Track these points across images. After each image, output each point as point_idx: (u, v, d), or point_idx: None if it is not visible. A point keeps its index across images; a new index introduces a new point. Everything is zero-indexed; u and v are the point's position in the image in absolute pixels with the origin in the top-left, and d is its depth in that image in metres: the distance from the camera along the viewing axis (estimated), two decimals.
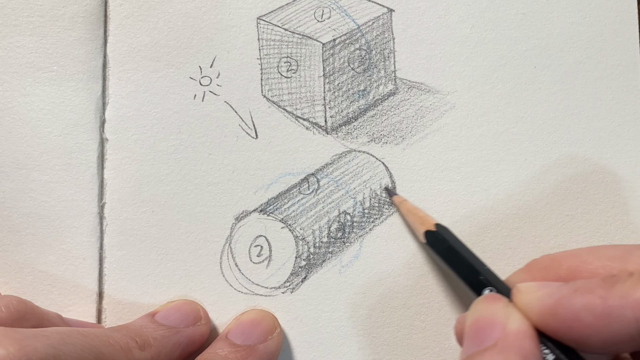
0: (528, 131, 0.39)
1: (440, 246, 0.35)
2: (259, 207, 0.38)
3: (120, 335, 0.31)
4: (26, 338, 0.27)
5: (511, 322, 0.28)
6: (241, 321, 0.36)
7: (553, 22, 0.39)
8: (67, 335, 0.29)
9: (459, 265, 0.34)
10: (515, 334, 0.27)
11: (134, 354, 0.31)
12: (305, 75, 0.39)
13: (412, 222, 0.37)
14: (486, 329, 0.28)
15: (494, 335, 0.27)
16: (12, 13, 0.38)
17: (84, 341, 0.29)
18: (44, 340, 0.27)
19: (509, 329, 0.28)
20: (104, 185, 0.37)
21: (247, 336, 0.35)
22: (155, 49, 0.38)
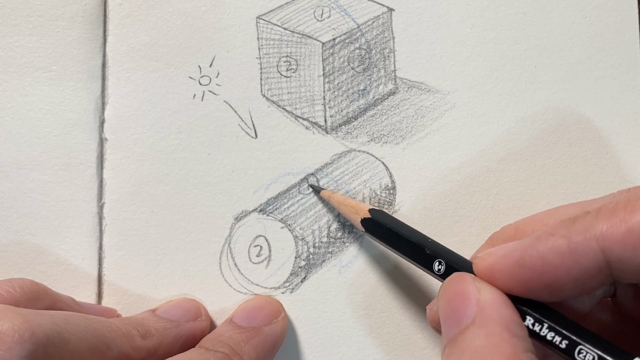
0: (528, 131, 0.38)
1: (380, 231, 0.34)
2: (258, 207, 0.38)
3: (122, 324, 0.32)
4: (31, 314, 0.28)
5: (483, 294, 0.28)
6: (245, 306, 0.36)
7: (553, 22, 0.39)
8: (70, 316, 0.30)
9: (403, 245, 0.33)
10: (490, 305, 0.27)
11: (135, 341, 0.32)
12: (305, 74, 0.39)
13: (347, 213, 0.36)
14: (460, 307, 0.28)
15: (469, 312, 0.27)
16: (12, 13, 0.37)
17: (87, 324, 0.30)
18: (48, 317, 0.28)
19: (483, 301, 0.27)
20: (103, 185, 0.37)
21: (252, 319, 0.36)
22: (155, 49, 0.38)
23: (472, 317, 0.27)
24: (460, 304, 0.28)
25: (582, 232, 0.26)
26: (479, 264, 0.29)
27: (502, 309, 0.27)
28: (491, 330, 0.26)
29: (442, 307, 0.29)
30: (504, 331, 0.26)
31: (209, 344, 0.33)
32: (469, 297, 0.28)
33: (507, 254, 0.28)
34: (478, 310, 0.27)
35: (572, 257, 0.26)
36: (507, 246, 0.28)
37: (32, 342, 0.27)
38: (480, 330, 0.26)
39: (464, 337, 0.26)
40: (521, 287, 0.27)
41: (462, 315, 0.27)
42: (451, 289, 0.29)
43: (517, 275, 0.27)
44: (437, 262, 0.31)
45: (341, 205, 0.36)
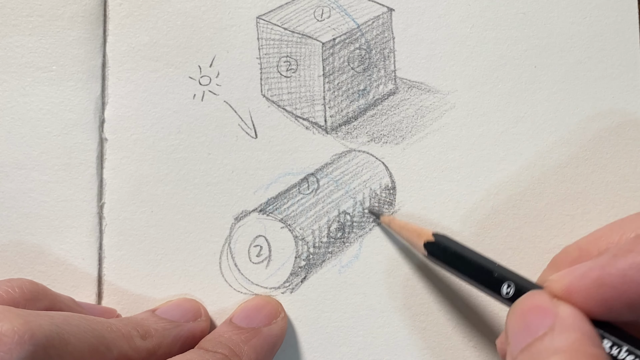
0: (528, 131, 0.38)
1: (444, 255, 0.33)
2: (258, 207, 0.38)
3: (122, 324, 0.32)
4: (30, 315, 0.28)
5: (561, 309, 0.27)
6: (245, 306, 0.36)
7: (553, 22, 0.39)
8: (70, 317, 0.30)
9: (469, 269, 0.32)
10: (569, 316, 0.26)
11: (135, 341, 0.32)
12: (305, 74, 0.39)
13: (409, 237, 0.35)
14: (536, 319, 0.27)
15: (546, 323, 0.26)
16: (12, 13, 0.37)
17: (87, 324, 0.30)
18: (47, 319, 0.28)
19: (562, 314, 0.26)
20: (103, 185, 0.37)
21: (251, 320, 0.35)
22: (155, 49, 0.38)
23: (549, 326, 0.26)
24: (536, 316, 0.27)
25: None
26: (554, 285, 0.28)
27: (582, 322, 0.26)
28: (572, 336, 0.25)
29: (512, 323, 0.28)
30: (585, 338, 0.25)
31: (208, 344, 0.33)
32: (546, 310, 0.27)
33: (584, 274, 0.27)
34: (557, 320, 0.26)
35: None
36: (582, 266, 0.27)
37: (31, 343, 0.27)
38: (561, 337, 0.25)
39: (541, 341, 0.26)
40: (600, 307, 0.27)
41: (539, 325, 0.26)
42: (525, 304, 0.28)
43: (597, 294, 0.26)
44: (505, 285, 0.30)
45: (403, 230, 0.36)
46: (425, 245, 0.34)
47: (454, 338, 0.37)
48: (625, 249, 0.27)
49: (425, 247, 0.34)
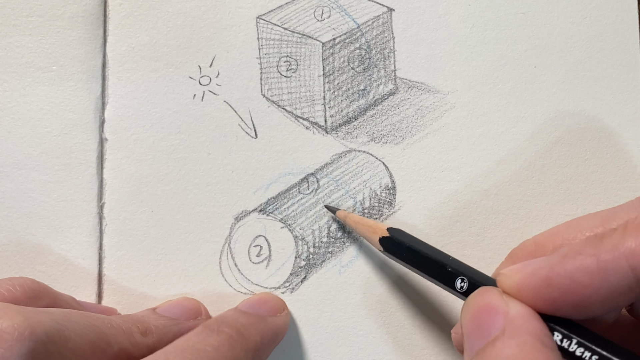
0: (528, 131, 0.38)
1: (399, 250, 0.33)
2: (258, 207, 0.38)
3: (122, 321, 0.32)
4: (30, 312, 0.28)
5: (511, 306, 0.27)
6: (250, 298, 0.36)
7: (553, 22, 0.39)
8: (70, 313, 0.29)
9: (424, 263, 0.32)
10: (520, 317, 0.27)
11: (135, 337, 0.32)
12: (305, 74, 0.39)
13: (364, 233, 0.35)
14: (488, 320, 0.27)
15: (497, 324, 0.27)
16: (12, 13, 0.37)
17: (87, 321, 0.30)
18: (47, 315, 0.28)
19: (512, 314, 0.27)
20: (103, 185, 0.37)
21: (256, 309, 0.35)
22: (155, 49, 0.38)
23: (500, 328, 0.26)
24: (488, 317, 0.27)
25: (610, 251, 0.26)
26: (505, 281, 0.28)
27: (532, 321, 0.26)
28: (522, 340, 0.26)
29: (467, 321, 0.28)
30: (535, 341, 0.26)
31: (213, 324, 0.33)
32: (497, 310, 0.27)
33: (533, 272, 0.27)
34: (507, 322, 0.26)
35: (601, 276, 0.26)
36: (532, 263, 0.28)
37: (32, 339, 0.27)
38: (511, 341, 0.26)
39: (493, 347, 0.26)
40: (548, 305, 0.27)
41: (490, 327, 0.27)
42: (477, 302, 0.28)
43: (544, 293, 0.27)
44: (459, 280, 0.30)
45: (358, 225, 0.36)
46: (380, 241, 0.34)
47: None
48: (575, 250, 0.27)
49: (381, 243, 0.34)
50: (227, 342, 0.31)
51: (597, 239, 0.27)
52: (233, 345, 0.31)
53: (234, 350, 0.31)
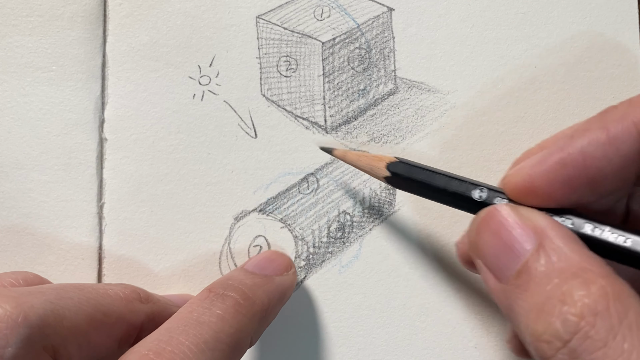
0: (528, 131, 0.38)
1: (409, 171, 0.32)
2: (258, 207, 0.38)
3: (122, 287, 0.31)
4: (22, 295, 0.27)
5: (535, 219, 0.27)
6: (257, 257, 0.36)
7: (553, 22, 0.39)
8: (63, 289, 0.29)
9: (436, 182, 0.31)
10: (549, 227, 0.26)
11: (134, 304, 0.31)
12: (305, 74, 0.39)
13: (368, 163, 0.34)
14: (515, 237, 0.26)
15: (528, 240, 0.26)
16: (11, 12, 0.37)
17: (81, 294, 0.29)
18: (40, 296, 0.27)
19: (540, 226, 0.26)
20: (103, 185, 0.37)
21: (263, 269, 0.35)
22: (155, 49, 0.38)
23: (533, 243, 0.26)
24: (513, 234, 0.27)
25: (618, 120, 0.26)
26: (513, 179, 0.28)
27: (562, 229, 0.26)
28: (568, 250, 0.25)
29: (486, 244, 0.27)
30: (580, 247, 0.25)
31: (219, 287, 0.32)
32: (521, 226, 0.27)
33: (543, 160, 0.27)
34: (540, 236, 0.26)
35: (612, 145, 0.26)
36: (539, 154, 0.28)
37: (25, 325, 0.26)
38: (556, 253, 0.25)
39: (539, 263, 0.25)
40: (564, 190, 0.27)
41: (522, 244, 0.26)
42: (493, 222, 0.27)
43: (559, 177, 0.27)
44: (477, 190, 0.30)
45: (361, 158, 0.35)
46: (388, 167, 0.33)
47: (454, 338, 0.37)
48: (582, 127, 0.27)
49: (389, 169, 0.33)
50: (233, 308, 0.30)
51: (603, 114, 0.27)
52: (239, 311, 0.31)
53: (240, 316, 0.30)
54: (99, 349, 0.29)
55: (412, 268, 0.38)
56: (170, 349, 0.27)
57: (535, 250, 0.26)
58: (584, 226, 0.27)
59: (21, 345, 0.26)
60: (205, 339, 0.28)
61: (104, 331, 0.29)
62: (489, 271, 0.27)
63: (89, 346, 0.29)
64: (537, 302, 0.25)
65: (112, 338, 0.30)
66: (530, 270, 0.25)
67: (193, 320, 0.29)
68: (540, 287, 0.25)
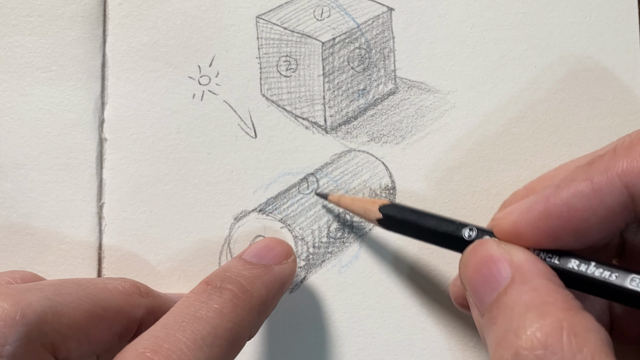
0: (528, 131, 0.38)
1: (401, 214, 0.33)
2: (258, 207, 0.38)
3: (121, 281, 0.31)
4: (19, 293, 0.27)
5: (514, 254, 0.27)
6: (256, 245, 0.35)
7: (553, 22, 0.39)
8: (61, 285, 0.29)
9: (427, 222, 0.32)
10: (525, 262, 0.27)
11: (134, 298, 0.31)
12: (305, 74, 0.39)
13: (362, 206, 0.35)
14: (493, 271, 0.27)
15: (504, 274, 0.27)
16: (11, 12, 0.37)
17: (79, 289, 0.29)
18: (37, 293, 0.27)
19: (517, 261, 0.27)
20: (102, 185, 0.37)
21: (262, 258, 0.34)
22: (154, 49, 0.38)
23: (508, 277, 0.26)
24: (493, 268, 0.27)
25: (603, 172, 0.26)
26: (501, 223, 0.28)
27: (538, 264, 0.27)
28: (535, 284, 0.26)
29: (470, 276, 0.28)
30: (548, 282, 0.26)
31: (216, 280, 0.31)
32: (500, 259, 0.27)
33: (529, 208, 0.28)
34: (514, 269, 0.27)
35: (596, 197, 0.26)
36: (526, 201, 0.28)
37: (24, 323, 0.26)
38: (524, 287, 0.26)
39: (508, 296, 0.26)
40: (548, 238, 0.27)
41: (498, 277, 0.27)
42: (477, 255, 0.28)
43: (543, 226, 0.27)
44: (467, 229, 0.30)
45: (355, 202, 0.36)
46: (380, 209, 0.34)
47: (454, 338, 0.37)
48: (568, 179, 0.27)
49: (381, 210, 0.34)
50: (231, 302, 0.30)
51: (588, 165, 0.27)
52: (237, 305, 0.30)
53: (238, 310, 0.30)
54: (99, 344, 0.29)
55: (412, 268, 0.38)
56: (167, 346, 0.27)
57: (508, 284, 0.26)
58: (570, 261, 0.27)
59: (20, 343, 0.26)
60: (203, 335, 0.28)
61: (104, 326, 0.29)
62: (474, 305, 0.28)
63: (89, 341, 0.28)
64: (499, 335, 0.25)
65: (111, 332, 0.30)
66: (500, 303, 0.26)
67: (190, 316, 0.29)
68: (505, 320, 0.25)
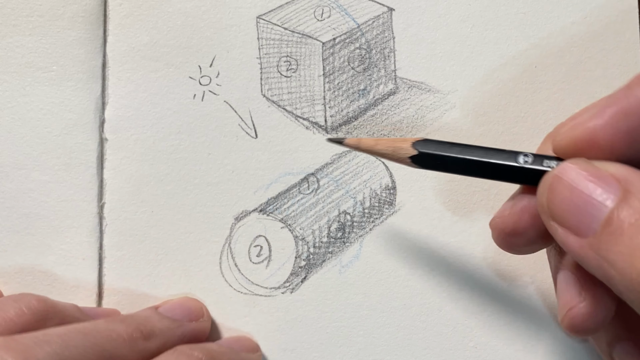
0: (528, 131, 0.38)
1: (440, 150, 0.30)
2: (258, 207, 0.38)
3: (124, 327, 0.31)
4: (28, 348, 0.27)
5: (612, 169, 0.25)
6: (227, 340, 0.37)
7: (553, 22, 0.39)
8: (68, 337, 0.29)
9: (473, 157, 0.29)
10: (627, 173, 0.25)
11: (138, 344, 0.31)
12: (305, 74, 0.39)
13: (390, 145, 0.31)
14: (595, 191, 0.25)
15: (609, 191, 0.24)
16: (12, 13, 0.37)
17: (86, 340, 0.29)
18: (46, 347, 0.28)
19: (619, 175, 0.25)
20: (103, 185, 0.37)
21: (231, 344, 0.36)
22: (155, 49, 0.38)
23: (616, 193, 0.24)
24: (594, 189, 0.25)
25: None
26: (573, 130, 0.26)
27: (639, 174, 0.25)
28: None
29: (564, 205, 0.26)
30: None
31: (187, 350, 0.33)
32: (600, 177, 0.25)
33: (601, 111, 0.26)
34: (623, 184, 0.24)
35: None
36: (593, 109, 0.26)
37: None
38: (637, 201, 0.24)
39: (621, 215, 0.24)
40: (628, 140, 0.26)
41: (602, 197, 0.25)
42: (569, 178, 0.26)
43: (623, 126, 0.25)
44: (522, 156, 0.28)
45: (379, 143, 0.32)
46: (415, 145, 0.31)
47: (454, 338, 0.37)
48: (637, 79, 0.26)
49: (415, 147, 0.31)
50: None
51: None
52: None
53: None
54: None
55: (412, 268, 0.38)
56: None
57: (621, 199, 0.24)
58: None
59: None
60: None
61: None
62: (568, 230, 0.26)
63: None
64: (630, 249, 0.23)
65: None
66: (621, 217, 0.24)
67: None
68: (631, 234, 0.23)
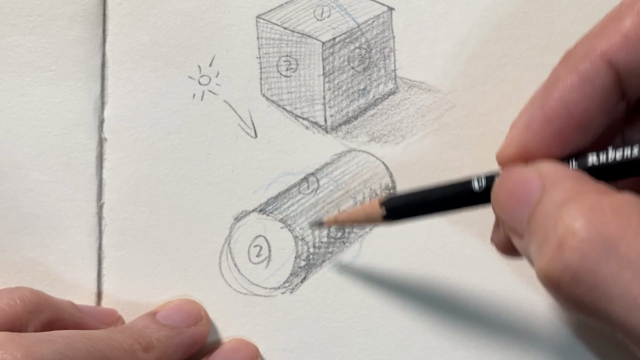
0: None
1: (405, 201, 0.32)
2: (258, 207, 0.38)
3: (124, 337, 0.32)
4: (33, 344, 0.27)
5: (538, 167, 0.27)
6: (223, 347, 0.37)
7: (554, 21, 0.39)
8: (72, 339, 0.29)
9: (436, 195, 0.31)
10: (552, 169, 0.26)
11: (138, 356, 0.31)
12: (305, 74, 0.39)
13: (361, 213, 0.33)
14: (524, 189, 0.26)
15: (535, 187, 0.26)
16: (11, 12, 0.37)
17: (89, 344, 0.29)
18: (50, 345, 0.28)
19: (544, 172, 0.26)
20: (102, 185, 0.37)
21: None
22: (154, 48, 0.38)
23: (540, 187, 0.26)
24: (523, 187, 0.27)
25: (583, 58, 0.27)
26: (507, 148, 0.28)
27: (564, 169, 0.26)
28: (567, 184, 0.25)
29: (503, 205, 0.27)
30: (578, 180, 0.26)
31: None
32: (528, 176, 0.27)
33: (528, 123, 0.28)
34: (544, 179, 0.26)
35: (588, 84, 0.26)
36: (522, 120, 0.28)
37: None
38: (556, 190, 0.25)
39: (542, 204, 0.25)
40: (557, 144, 0.27)
41: (530, 193, 0.26)
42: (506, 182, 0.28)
43: (549, 132, 0.27)
44: (475, 180, 0.30)
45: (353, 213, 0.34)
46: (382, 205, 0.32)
47: (454, 338, 0.37)
48: (552, 79, 0.27)
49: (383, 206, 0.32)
50: None
51: (565, 59, 0.28)
52: None
53: None
54: None
55: (412, 268, 0.38)
56: None
57: (541, 194, 0.26)
58: (588, 157, 0.27)
59: None
60: None
61: None
62: (515, 234, 0.27)
63: None
64: (540, 239, 0.25)
65: None
66: (536, 213, 0.25)
67: None
68: (543, 223, 0.25)
